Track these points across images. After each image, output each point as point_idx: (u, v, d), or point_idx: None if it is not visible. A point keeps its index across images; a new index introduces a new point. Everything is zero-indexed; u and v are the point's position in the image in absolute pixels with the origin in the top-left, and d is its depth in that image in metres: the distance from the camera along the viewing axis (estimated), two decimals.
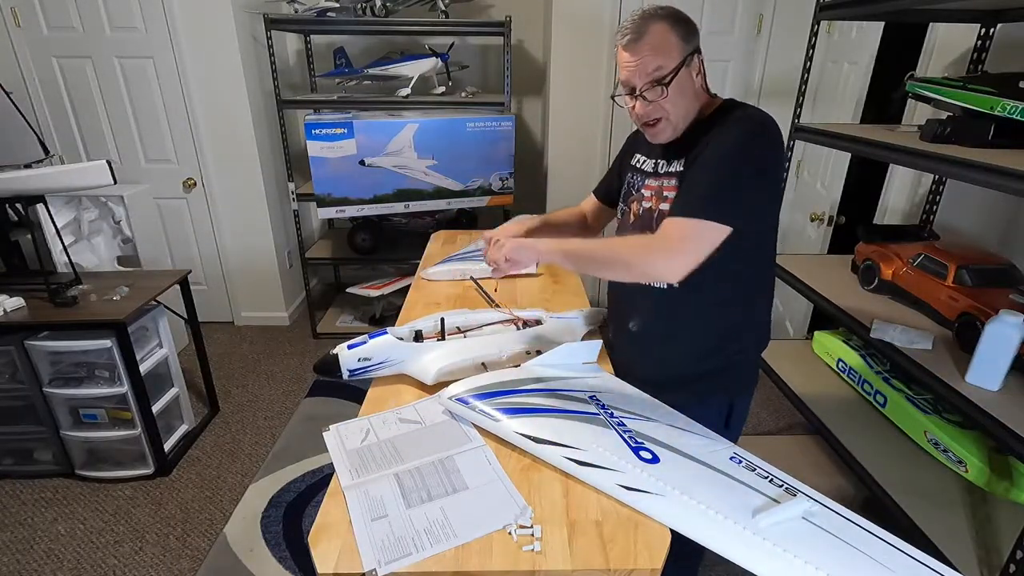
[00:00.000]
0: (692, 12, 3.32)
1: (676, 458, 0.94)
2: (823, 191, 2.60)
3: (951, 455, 1.41)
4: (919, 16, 1.84)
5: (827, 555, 0.76)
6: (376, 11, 2.76)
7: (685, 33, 1.05)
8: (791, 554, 0.76)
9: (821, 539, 0.79)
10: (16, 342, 1.96)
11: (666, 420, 1.05)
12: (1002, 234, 1.69)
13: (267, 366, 3.02)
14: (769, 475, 0.93)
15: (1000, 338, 1.16)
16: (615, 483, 0.89)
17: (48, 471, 2.18)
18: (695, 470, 0.92)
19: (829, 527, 0.81)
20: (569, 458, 0.94)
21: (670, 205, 1.10)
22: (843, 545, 0.78)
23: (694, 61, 1.07)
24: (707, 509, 0.84)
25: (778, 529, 0.80)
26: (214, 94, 2.97)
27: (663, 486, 0.88)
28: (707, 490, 0.87)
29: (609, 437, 0.98)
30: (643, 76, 1.05)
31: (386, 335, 1.22)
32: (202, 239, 3.29)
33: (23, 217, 2.04)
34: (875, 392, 1.69)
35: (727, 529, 0.81)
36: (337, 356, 1.19)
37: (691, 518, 0.83)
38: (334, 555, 0.80)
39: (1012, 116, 1.23)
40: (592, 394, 1.12)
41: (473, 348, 1.24)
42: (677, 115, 1.08)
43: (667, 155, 1.15)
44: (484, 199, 3.03)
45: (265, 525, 1.96)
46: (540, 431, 0.99)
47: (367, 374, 1.21)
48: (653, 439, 0.98)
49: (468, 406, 1.06)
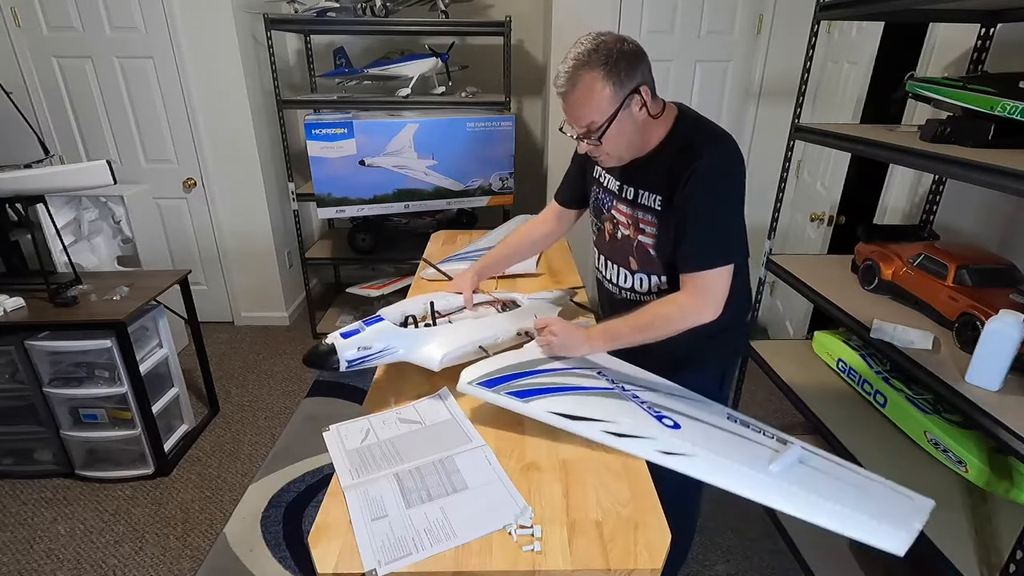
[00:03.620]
0: (692, 12, 3.28)
1: (691, 422, 1.05)
2: (823, 191, 2.60)
3: (951, 455, 1.41)
4: (919, 16, 1.84)
5: (827, 489, 0.93)
6: (376, 11, 2.76)
7: (622, 76, 1.04)
8: (805, 491, 0.92)
9: (818, 478, 0.96)
10: (16, 342, 1.96)
11: (665, 389, 1.16)
12: (1002, 234, 1.69)
13: (267, 366, 3.02)
14: (761, 428, 1.08)
15: (1000, 338, 1.16)
16: (654, 449, 0.97)
17: (48, 471, 2.18)
18: (709, 431, 1.04)
19: (819, 467, 0.99)
20: (607, 431, 1.00)
21: (675, 250, 1.16)
22: (834, 480, 0.96)
23: (634, 99, 1.07)
24: (732, 463, 0.96)
25: (787, 473, 0.95)
26: (214, 94, 2.97)
27: (692, 447, 0.98)
28: (725, 447, 1.00)
29: (632, 408, 1.06)
30: (578, 127, 1.10)
31: (383, 321, 1.15)
32: (202, 239, 3.29)
33: (23, 217, 2.04)
34: (875, 392, 1.69)
35: (752, 478, 0.94)
36: (332, 346, 1.08)
37: (723, 472, 0.94)
38: (334, 555, 0.80)
39: (1012, 116, 1.23)
40: (599, 370, 1.17)
41: (472, 333, 1.23)
42: (618, 151, 1.14)
43: (628, 179, 1.22)
44: (484, 199, 3.03)
45: (265, 525, 1.96)
46: (574, 408, 1.04)
47: (366, 363, 1.12)
48: (666, 408, 1.08)
49: (493, 389, 1.07)
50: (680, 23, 2.87)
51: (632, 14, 2.83)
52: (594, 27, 1.14)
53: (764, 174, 3.08)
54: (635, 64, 1.06)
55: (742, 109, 3.04)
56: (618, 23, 2.83)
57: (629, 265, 1.28)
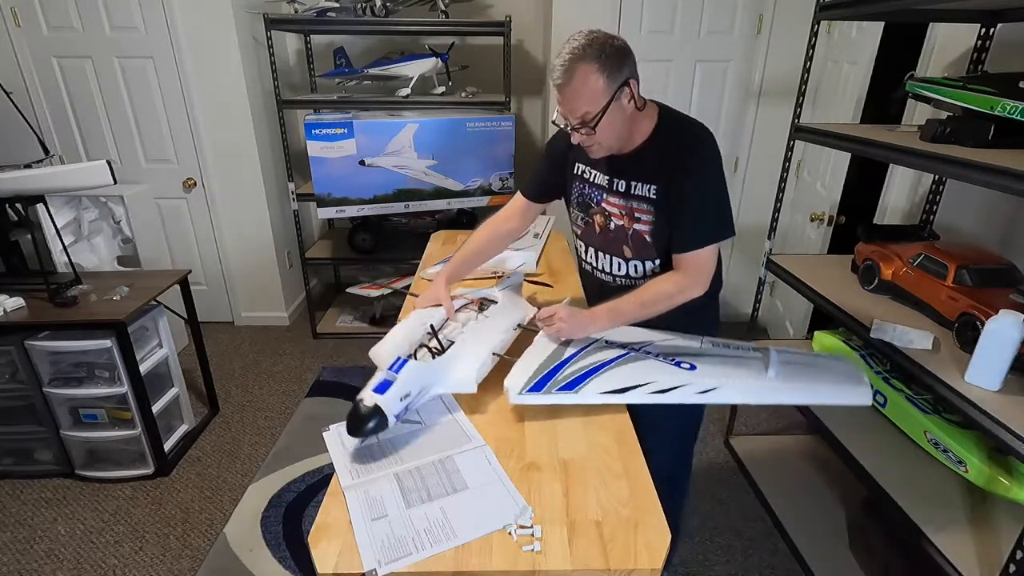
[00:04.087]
0: (692, 12, 3.27)
1: (698, 359, 1.20)
2: (823, 191, 2.60)
3: (951, 455, 1.41)
4: (919, 16, 1.84)
5: (806, 376, 1.18)
6: (376, 11, 2.76)
7: (613, 69, 1.12)
8: (796, 383, 1.15)
9: (796, 369, 1.20)
10: (16, 342, 1.96)
11: (659, 338, 1.30)
12: (1002, 234, 1.69)
13: (267, 366, 3.03)
14: (738, 345, 1.29)
15: (1000, 338, 1.16)
16: (694, 392, 1.10)
17: (48, 471, 2.18)
18: (713, 361, 1.21)
19: (793, 360, 1.23)
20: (652, 392, 1.10)
21: (671, 233, 1.26)
22: (805, 368, 1.22)
23: (624, 91, 1.15)
24: (744, 382, 1.14)
25: (780, 375, 1.16)
26: (214, 94, 2.97)
27: (716, 380, 1.12)
28: (734, 370, 1.17)
29: (656, 365, 1.19)
30: (573, 118, 1.17)
31: (409, 362, 1.07)
32: (202, 239, 3.29)
33: (23, 217, 2.04)
34: (875, 392, 1.69)
35: (761, 388, 1.13)
36: (375, 405, 0.98)
37: (743, 393, 1.13)
38: (334, 555, 0.80)
39: (1012, 116, 1.23)
40: (603, 340, 1.27)
41: (484, 344, 1.22)
42: (609, 141, 1.21)
43: (617, 172, 1.29)
44: (484, 199, 3.03)
45: (265, 525, 1.96)
46: (617, 382, 1.13)
47: (411, 410, 1.07)
48: (675, 354, 1.22)
49: (543, 392, 1.10)
50: (680, 23, 2.87)
51: (632, 14, 2.83)
52: (593, 27, 1.16)
53: (764, 174, 3.09)
54: (624, 59, 1.14)
55: (742, 109, 3.04)
56: (618, 23, 2.83)
57: (623, 253, 1.35)
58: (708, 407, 1.35)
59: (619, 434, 1.07)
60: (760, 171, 3.11)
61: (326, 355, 3.12)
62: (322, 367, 2.98)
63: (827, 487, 2.12)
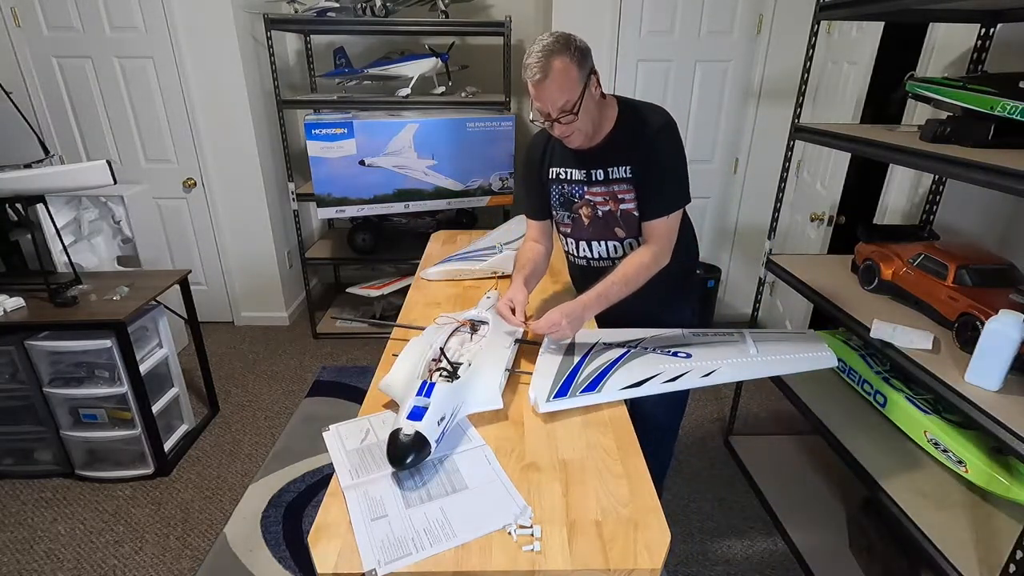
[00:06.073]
0: (692, 12, 3.28)
1: (689, 347, 1.31)
2: (823, 191, 2.60)
3: (951, 455, 1.41)
4: (919, 16, 1.84)
5: (781, 350, 1.32)
6: (376, 11, 2.76)
7: (582, 60, 1.23)
8: (775, 357, 1.29)
9: (771, 345, 1.34)
10: (16, 342, 1.96)
11: (650, 334, 1.39)
12: (1002, 234, 1.69)
13: (267, 366, 3.03)
14: (715, 332, 1.41)
15: (1000, 338, 1.16)
16: (699, 376, 1.19)
17: (48, 471, 2.18)
18: (702, 347, 1.32)
19: (768, 339, 1.37)
20: (664, 381, 1.18)
21: (640, 205, 1.37)
22: (776, 343, 1.36)
23: (592, 79, 1.26)
24: (735, 360, 1.26)
25: (760, 351, 1.30)
26: (214, 94, 2.97)
27: (713, 364, 1.23)
28: (723, 351, 1.30)
29: (654, 357, 1.27)
30: (554, 110, 1.25)
31: (437, 384, 1.04)
32: (202, 239, 3.29)
33: (23, 217, 2.03)
34: (875, 392, 1.69)
35: (750, 365, 1.25)
36: (415, 433, 0.94)
37: (736, 370, 1.24)
38: (334, 555, 0.80)
39: (1012, 116, 1.23)
40: (604, 344, 1.34)
41: (496, 363, 1.22)
42: (587, 127, 1.31)
43: (592, 164, 1.38)
44: (484, 199, 3.03)
45: (265, 525, 1.96)
46: (631, 377, 1.19)
47: (447, 433, 1.03)
48: (670, 346, 1.32)
49: (568, 397, 1.14)
50: (680, 23, 2.86)
51: (632, 14, 2.83)
52: (593, 27, 1.18)
53: (764, 174, 3.09)
54: (588, 53, 1.25)
55: (742, 109, 3.04)
56: (618, 23, 2.83)
57: (617, 235, 1.43)
58: (707, 405, 1.36)
59: (619, 434, 1.07)
60: (760, 171, 3.11)
61: (326, 355, 3.12)
62: (322, 367, 2.98)
63: (827, 487, 2.12)
